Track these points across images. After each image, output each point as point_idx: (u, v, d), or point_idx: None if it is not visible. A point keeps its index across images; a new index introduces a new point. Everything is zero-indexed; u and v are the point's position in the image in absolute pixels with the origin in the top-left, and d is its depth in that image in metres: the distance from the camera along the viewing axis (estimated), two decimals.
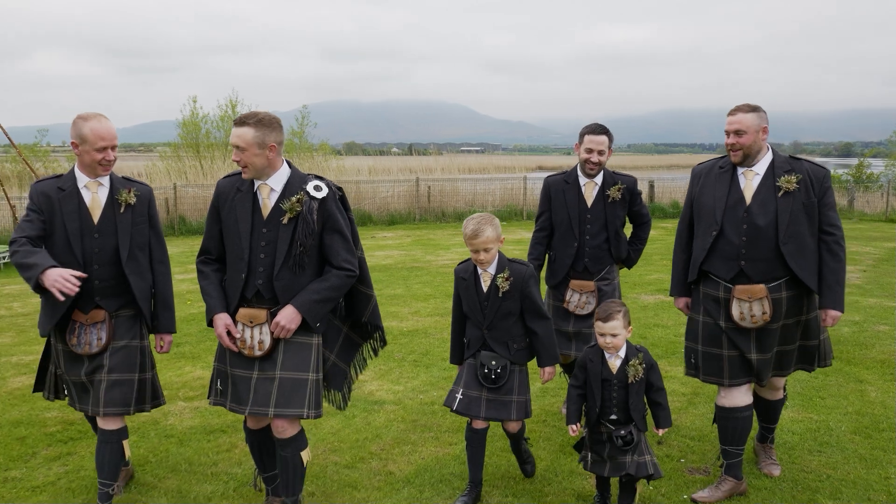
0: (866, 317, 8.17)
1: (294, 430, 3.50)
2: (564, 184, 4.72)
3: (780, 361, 4.01)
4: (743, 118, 3.85)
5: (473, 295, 3.86)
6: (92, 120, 3.63)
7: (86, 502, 3.95)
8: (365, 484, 4.13)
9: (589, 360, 3.67)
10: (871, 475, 4.19)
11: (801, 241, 3.81)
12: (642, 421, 3.61)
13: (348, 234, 3.50)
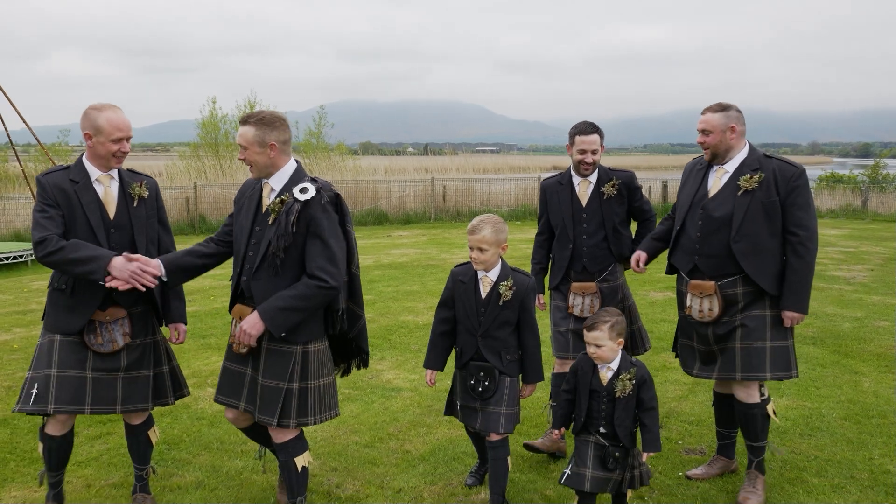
0: (868, 313, 8.41)
1: (284, 437, 3.49)
2: (559, 185, 4.62)
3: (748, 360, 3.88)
4: (710, 118, 3.91)
5: (471, 300, 3.73)
6: (107, 110, 3.54)
7: (127, 475, 4.30)
8: (383, 461, 4.46)
9: (580, 367, 3.55)
10: (856, 456, 4.47)
11: (755, 241, 3.80)
12: (628, 438, 3.46)
13: (332, 242, 3.35)
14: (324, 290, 3.31)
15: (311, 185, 3.38)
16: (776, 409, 5.21)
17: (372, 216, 20.16)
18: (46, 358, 3.53)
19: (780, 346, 3.89)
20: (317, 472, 4.30)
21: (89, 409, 3.55)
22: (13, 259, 12.94)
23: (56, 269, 3.51)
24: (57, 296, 3.58)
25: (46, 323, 3.62)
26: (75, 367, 3.52)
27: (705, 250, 3.92)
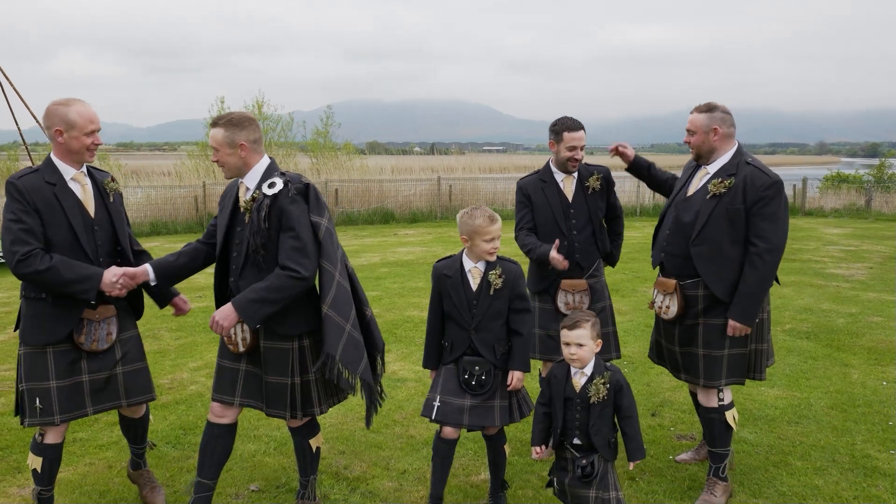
0: (863, 309, 8.60)
1: (297, 422, 3.64)
2: (541, 182, 4.52)
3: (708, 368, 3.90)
4: (694, 118, 3.92)
5: (460, 293, 3.64)
6: (76, 104, 3.46)
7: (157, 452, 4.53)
8: (389, 445, 4.69)
9: (554, 375, 3.38)
10: (839, 442, 4.68)
11: (714, 246, 3.77)
12: (607, 449, 3.28)
13: (303, 234, 3.35)
14: (295, 280, 3.31)
15: (279, 178, 3.41)
16: (777, 402, 5.43)
17: (379, 215, 20.39)
18: (42, 371, 3.44)
19: (738, 353, 3.88)
20: (326, 455, 4.54)
21: (91, 409, 3.56)
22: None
23: (39, 286, 3.37)
24: (37, 305, 3.44)
25: (27, 335, 3.45)
26: (73, 375, 3.50)
27: (671, 249, 3.95)
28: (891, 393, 5.60)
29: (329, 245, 3.42)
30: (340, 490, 4.09)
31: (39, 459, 3.54)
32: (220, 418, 3.60)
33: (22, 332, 3.48)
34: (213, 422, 3.61)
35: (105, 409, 3.60)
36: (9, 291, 10.57)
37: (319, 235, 3.40)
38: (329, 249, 3.42)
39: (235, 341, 3.49)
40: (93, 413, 3.56)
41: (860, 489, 4.05)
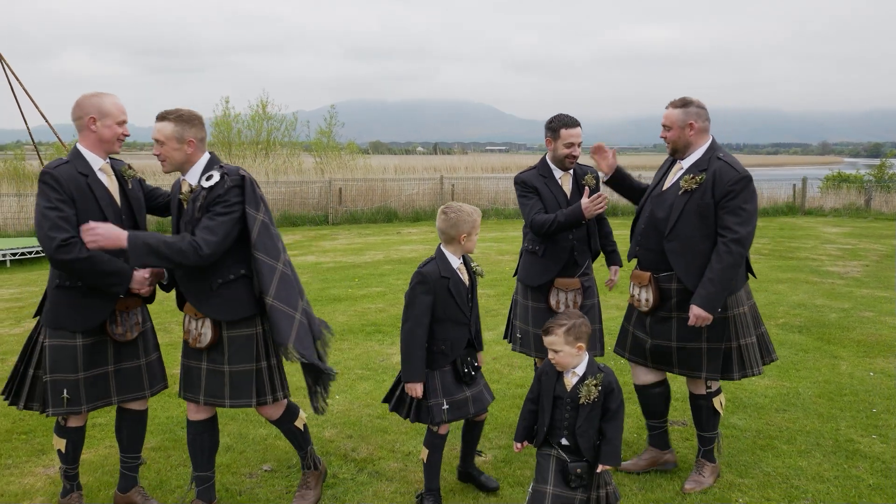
0: (855, 304, 8.81)
1: (276, 412, 3.71)
2: (541, 178, 4.51)
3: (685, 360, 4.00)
4: (670, 113, 3.97)
5: (461, 291, 3.74)
6: (108, 95, 3.60)
7: (162, 442, 4.76)
8: (394, 429, 4.91)
9: (545, 372, 3.36)
10: (824, 427, 4.90)
11: (686, 241, 3.85)
12: (591, 451, 3.26)
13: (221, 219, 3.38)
14: (193, 251, 3.32)
15: (217, 171, 3.46)
16: (767, 391, 5.64)
17: (382, 213, 20.61)
18: (70, 363, 3.52)
19: (714, 347, 3.94)
20: (334, 439, 4.77)
21: (116, 399, 3.67)
22: (36, 254, 13.46)
23: (74, 274, 3.44)
24: (71, 294, 3.53)
25: (62, 320, 3.53)
26: (99, 366, 3.60)
27: (646, 243, 4.04)
28: (877, 382, 5.81)
29: (265, 237, 3.46)
30: (349, 470, 4.31)
31: (63, 441, 3.69)
32: (196, 415, 3.69)
33: (54, 320, 3.53)
34: (192, 419, 3.71)
35: (129, 399, 3.71)
36: (20, 287, 10.82)
37: (252, 228, 3.43)
38: (265, 242, 3.45)
39: (195, 337, 3.55)
40: (117, 402, 3.68)
41: (841, 470, 4.26)
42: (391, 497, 3.99)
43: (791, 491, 4.01)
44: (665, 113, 4.02)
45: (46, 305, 3.60)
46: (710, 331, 3.91)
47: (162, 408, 5.29)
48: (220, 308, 3.50)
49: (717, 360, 3.95)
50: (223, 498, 3.94)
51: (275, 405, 3.71)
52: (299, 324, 3.45)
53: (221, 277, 3.48)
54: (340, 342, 7.23)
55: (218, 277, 3.48)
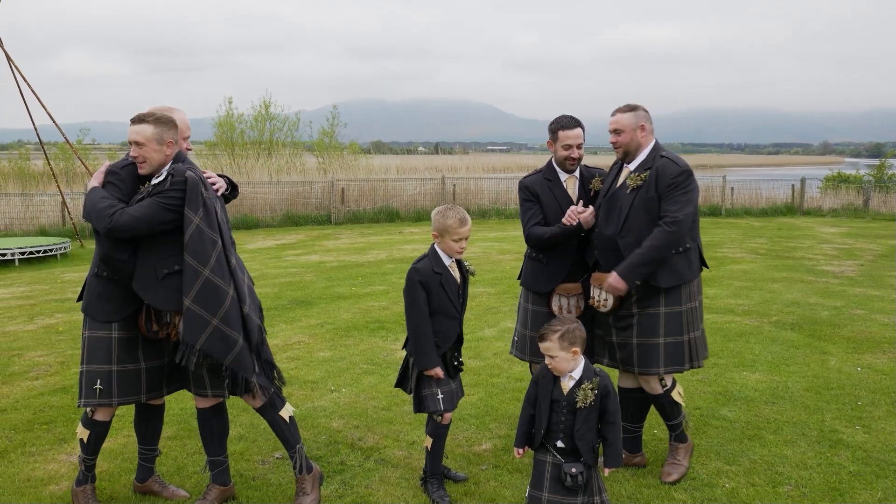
0: (847, 303, 9.02)
1: (258, 403, 3.84)
2: (546, 181, 4.45)
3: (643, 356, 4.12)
4: (620, 118, 4.10)
5: (453, 287, 3.96)
6: (177, 112, 3.83)
7: (178, 431, 4.98)
8: (399, 420, 5.14)
9: (542, 376, 3.41)
10: (810, 419, 5.12)
11: (638, 236, 3.99)
12: (590, 454, 3.31)
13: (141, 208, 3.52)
14: (107, 216, 3.48)
15: (166, 170, 3.61)
16: (757, 384, 5.85)
17: (384, 213, 20.84)
18: (105, 355, 3.70)
19: (673, 341, 4.09)
20: (342, 429, 4.99)
21: (145, 397, 3.83)
22: (44, 253, 13.68)
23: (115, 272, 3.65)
24: (103, 283, 3.71)
25: (97, 311, 3.72)
26: (133, 362, 3.74)
27: (602, 245, 4.16)
28: (864, 377, 6.03)
29: (196, 241, 3.53)
30: (356, 458, 4.54)
31: (87, 433, 3.86)
32: (202, 403, 3.87)
33: (87, 306, 3.75)
34: (199, 407, 3.89)
35: (154, 396, 3.86)
36: (30, 285, 11.04)
37: (186, 230, 3.53)
38: (196, 246, 3.52)
39: (177, 329, 3.69)
40: (144, 400, 3.83)
41: (824, 458, 4.48)
42: (396, 482, 4.21)
43: (775, 477, 4.22)
44: (614, 118, 4.15)
45: (85, 292, 3.81)
46: (667, 325, 4.08)
47: (176, 400, 5.51)
48: (164, 298, 3.61)
49: (674, 354, 4.11)
50: (237, 482, 4.16)
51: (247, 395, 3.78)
52: (214, 329, 3.54)
53: (167, 268, 3.60)
54: (345, 338, 7.45)
55: (164, 268, 3.60)
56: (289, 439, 3.92)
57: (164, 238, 3.59)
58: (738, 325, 7.89)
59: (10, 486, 4.18)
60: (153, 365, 3.82)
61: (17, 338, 7.64)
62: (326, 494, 4.05)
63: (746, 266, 12.08)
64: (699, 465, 4.40)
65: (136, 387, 3.78)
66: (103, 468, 4.39)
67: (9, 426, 5.09)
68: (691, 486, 4.13)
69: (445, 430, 4.04)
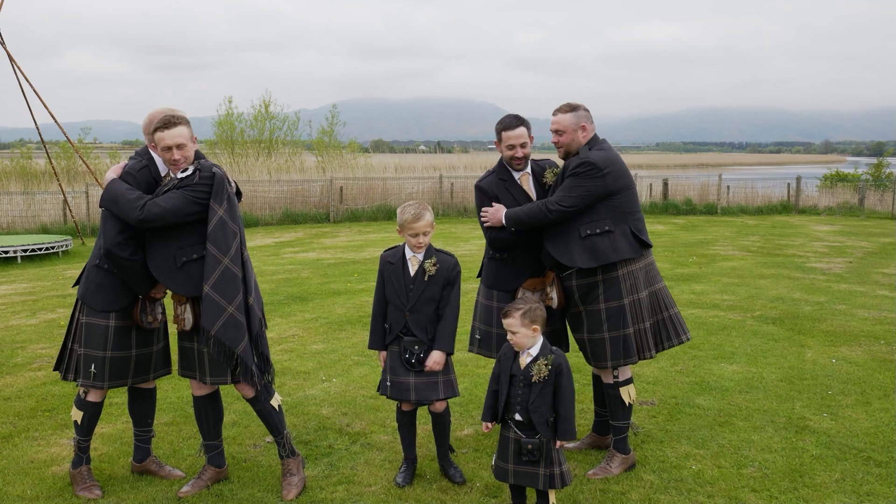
0: (831, 298, 9.23)
1: (251, 392, 4.02)
2: (501, 181, 4.47)
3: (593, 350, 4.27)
4: (561, 118, 4.18)
5: (400, 278, 4.07)
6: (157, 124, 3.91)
7: (174, 418, 5.21)
8: (385, 408, 5.35)
9: (504, 354, 3.67)
10: (781, 407, 5.33)
11: (556, 228, 4.19)
12: (545, 427, 3.53)
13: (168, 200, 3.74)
14: (137, 208, 3.72)
15: (192, 166, 3.84)
16: (734, 375, 6.06)
17: (382, 211, 21.06)
18: (101, 341, 3.95)
19: (615, 336, 4.21)
20: (331, 416, 5.21)
21: (131, 381, 4.10)
22: (45, 250, 13.92)
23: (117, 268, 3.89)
24: (102, 274, 3.96)
25: (95, 300, 3.95)
26: (125, 349, 4.01)
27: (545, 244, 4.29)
28: (837, 368, 6.24)
29: (219, 232, 3.77)
30: (343, 442, 4.76)
31: (81, 413, 4.10)
32: (198, 390, 4.08)
33: (84, 294, 3.99)
34: (195, 395, 4.11)
35: (139, 381, 4.15)
36: (32, 282, 11.28)
37: (210, 220, 3.79)
38: (218, 236, 3.77)
39: (181, 320, 3.92)
40: (130, 384, 4.13)
41: (789, 442, 4.70)
42: (380, 464, 4.43)
43: (740, 460, 4.44)
44: (555, 119, 4.22)
45: (83, 279, 4.05)
46: (609, 320, 4.20)
47: (173, 389, 5.74)
48: (184, 284, 3.86)
49: (618, 348, 4.21)
50: (231, 464, 4.39)
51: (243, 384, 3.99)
52: (229, 317, 3.77)
53: (186, 256, 3.84)
54: (338, 332, 7.68)
55: (182, 255, 3.84)
56: (277, 427, 4.14)
57: (185, 228, 3.83)
58: (722, 319, 8.11)
59: (15, 468, 4.42)
60: (143, 352, 4.09)
61: (20, 331, 7.87)
62: (314, 475, 4.27)
63: (736, 263, 12.28)
64: (669, 448, 4.62)
65: (125, 372, 4.05)
66: (103, 451, 4.63)
67: (13, 413, 5.32)
68: (660, 467, 4.35)
69: (403, 417, 4.21)
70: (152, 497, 4.03)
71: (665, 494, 4.03)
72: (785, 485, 4.12)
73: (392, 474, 4.27)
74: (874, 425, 4.97)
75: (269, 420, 4.12)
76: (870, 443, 4.68)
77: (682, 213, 22.24)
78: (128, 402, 4.36)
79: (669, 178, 24.48)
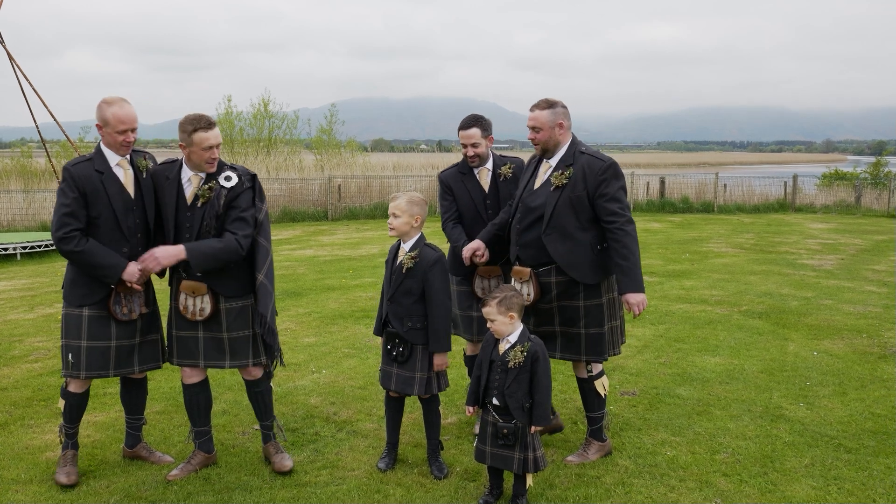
0: (818, 294, 9.35)
1: (258, 373, 4.29)
2: (460, 174, 4.72)
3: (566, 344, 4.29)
4: (538, 115, 4.14)
5: (389, 268, 4.22)
6: (115, 105, 3.93)
7: (165, 407, 5.34)
8: (372, 398, 5.48)
9: (486, 341, 3.83)
10: (759, 397, 5.46)
11: (563, 232, 4.09)
12: (520, 412, 3.66)
13: (248, 213, 4.03)
14: (239, 248, 3.98)
15: (233, 172, 4.07)
16: (716, 367, 6.18)
17: (380, 210, 21.17)
18: (76, 330, 4.04)
19: (594, 332, 4.24)
20: (319, 405, 5.34)
21: (112, 372, 4.13)
22: (45, 247, 14.05)
23: (73, 262, 4.00)
24: (77, 271, 4.03)
25: (70, 296, 4.07)
26: (102, 339, 4.05)
27: (524, 241, 4.24)
28: (818, 360, 6.37)
29: (266, 225, 4.16)
30: (329, 429, 4.90)
31: (63, 402, 4.23)
32: (190, 378, 4.25)
33: (64, 292, 4.14)
34: (187, 383, 4.25)
35: (122, 373, 4.18)
36: (31, 278, 11.42)
37: (259, 217, 4.11)
38: (266, 229, 4.15)
39: (193, 311, 4.08)
40: (112, 375, 4.16)
41: (763, 430, 4.82)
42: (364, 450, 4.56)
43: (715, 446, 4.57)
44: (532, 115, 4.19)
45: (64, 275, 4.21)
46: (587, 316, 4.22)
47: (166, 379, 5.87)
48: (228, 285, 4.12)
49: (596, 344, 4.26)
50: (220, 450, 4.52)
51: (260, 366, 4.30)
52: (273, 301, 4.17)
53: None
54: (330, 326, 7.81)
55: None
56: (268, 411, 4.38)
57: None
58: (709, 313, 8.23)
59: (10, 453, 4.56)
60: (124, 344, 4.13)
61: (18, 325, 8.01)
62: (299, 460, 4.40)
63: (728, 260, 12.40)
64: (646, 436, 4.74)
65: (104, 363, 4.09)
66: (96, 438, 4.76)
67: (9, 402, 5.45)
68: (635, 453, 4.48)
69: (390, 402, 4.34)
70: (142, 481, 4.16)
71: (638, 479, 4.15)
72: (755, 469, 4.25)
73: (376, 460, 4.40)
74: (848, 414, 5.10)
75: (265, 402, 4.35)
76: (842, 430, 4.81)
77: (679, 211, 22.35)
78: (120, 391, 4.48)
79: (666, 177, 24.59)
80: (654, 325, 7.73)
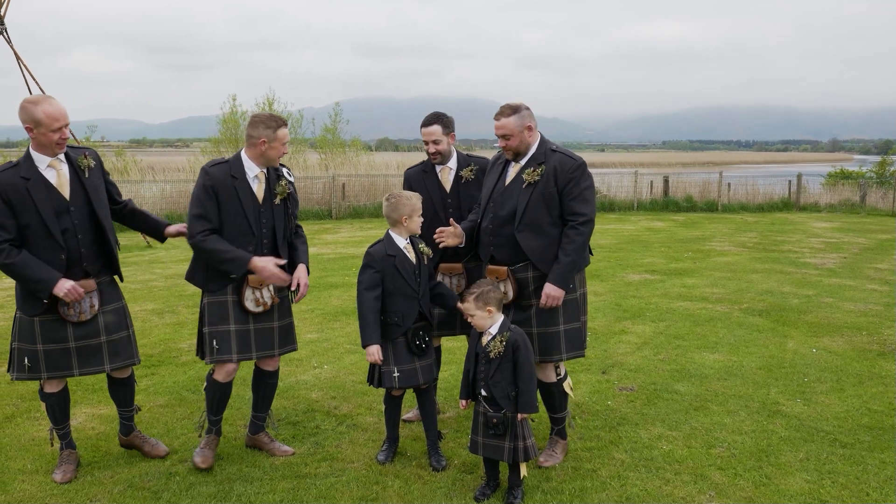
0: (819, 292, 9.38)
1: (277, 364, 4.48)
2: (423, 173, 4.78)
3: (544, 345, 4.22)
4: (506, 122, 4.12)
5: (406, 267, 4.13)
6: (43, 103, 3.76)
7: (169, 401, 5.41)
8: (373, 392, 5.54)
9: (473, 335, 3.93)
10: (756, 393, 5.50)
11: (536, 229, 4.12)
12: (507, 401, 3.74)
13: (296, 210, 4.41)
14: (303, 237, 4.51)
15: (286, 171, 4.27)
16: (715, 363, 6.23)
17: None
18: (29, 334, 3.95)
19: (572, 328, 4.24)
20: (320, 399, 5.41)
21: (77, 371, 4.04)
22: None
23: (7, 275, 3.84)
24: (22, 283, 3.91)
25: (23, 307, 3.96)
26: (59, 342, 3.97)
27: (497, 240, 4.23)
28: (816, 357, 6.40)
29: None
30: (330, 423, 4.96)
31: (44, 404, 4.22)
32: (229, 377, 4.27)
33: (18, 304, 4.03)
34: (223, 382, 4.26)
35: (90, 372, 4.10)
36: None
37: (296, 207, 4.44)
38: None
39: (265, 301, 4.20)
40: (79, 374, 4.06)
41: (759, 425, 4.87)
42: (364, 443, 4.63)
43: (711, 441, 4.62)
44: (499, 123, 4.16)
45: None
46: (565, 312, 4.21)
47: (170, 375, 5.95)
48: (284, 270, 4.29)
49: (574, 340, 4.26)
50: (221, 442, 4.57)
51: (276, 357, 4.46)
52: None
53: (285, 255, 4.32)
54: (332, 322, 7.88)
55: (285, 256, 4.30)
56: (268, 404, 4.53)
57: None
58: (709, 311, 8.27)
59: (16, 445, 4.64)
60: (85, 344, 4.04)
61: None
62: (299, 453, 4.47)
63: (731, 258, 12.43)
64: (643, 430, 4.79)
65: (65, 363, 4.03)
66: (100, 430, 4.84)
67: (16, 395, 5.53)
68: (632, 447, 4.53)
69: (393, 401, 4.41)
70: (145, 472, 4.23)
71: (634, 472, 4.21)
72: (750, 463, 4.30)
73: (375, 453, 4.46)
74: (845, 410, 5.14)
75: (271, 394, 4.54)
76: (838, 426, 4.85)
77: (683, 210, 22.37)
78: (108, 387, 4.46)
79: (671, 176, 24.61)
80: (654, 322, 7.78)
